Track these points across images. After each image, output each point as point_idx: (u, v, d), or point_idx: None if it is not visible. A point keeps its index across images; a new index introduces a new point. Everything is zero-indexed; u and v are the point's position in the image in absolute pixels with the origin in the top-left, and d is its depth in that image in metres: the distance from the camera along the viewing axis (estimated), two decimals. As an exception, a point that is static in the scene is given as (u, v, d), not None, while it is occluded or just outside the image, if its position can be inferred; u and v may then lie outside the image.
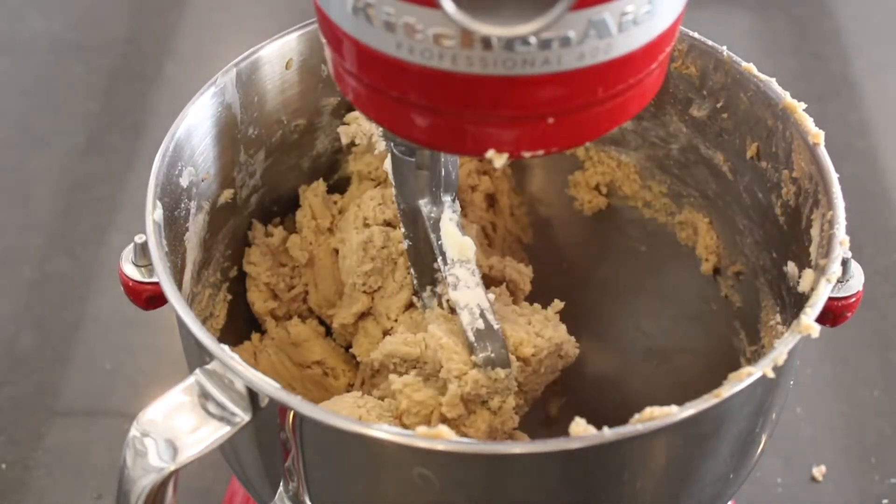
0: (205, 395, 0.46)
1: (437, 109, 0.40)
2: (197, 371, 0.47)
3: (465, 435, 0.55)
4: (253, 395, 0.46)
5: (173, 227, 0.56)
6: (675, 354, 0.72)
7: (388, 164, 0.56)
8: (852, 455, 0.80)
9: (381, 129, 0.50)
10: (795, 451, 0.80)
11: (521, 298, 0.65)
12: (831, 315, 0.52)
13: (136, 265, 0.54)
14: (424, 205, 0.56)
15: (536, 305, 0.59)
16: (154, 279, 0.51)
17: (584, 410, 0.71)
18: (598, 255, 0.72)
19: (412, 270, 0.60)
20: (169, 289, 0.49)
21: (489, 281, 0.65)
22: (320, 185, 0.65)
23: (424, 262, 0.59)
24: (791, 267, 0.57)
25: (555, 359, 0.58)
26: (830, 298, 0.50)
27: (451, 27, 0.37)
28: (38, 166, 1.02)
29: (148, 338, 0.87)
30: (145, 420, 0.46)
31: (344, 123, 0.65)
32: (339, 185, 0.69)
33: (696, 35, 0.61)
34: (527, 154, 0.41)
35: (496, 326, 0.55)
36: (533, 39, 0.36)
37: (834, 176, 0.54)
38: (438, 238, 0.57)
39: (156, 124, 1.06)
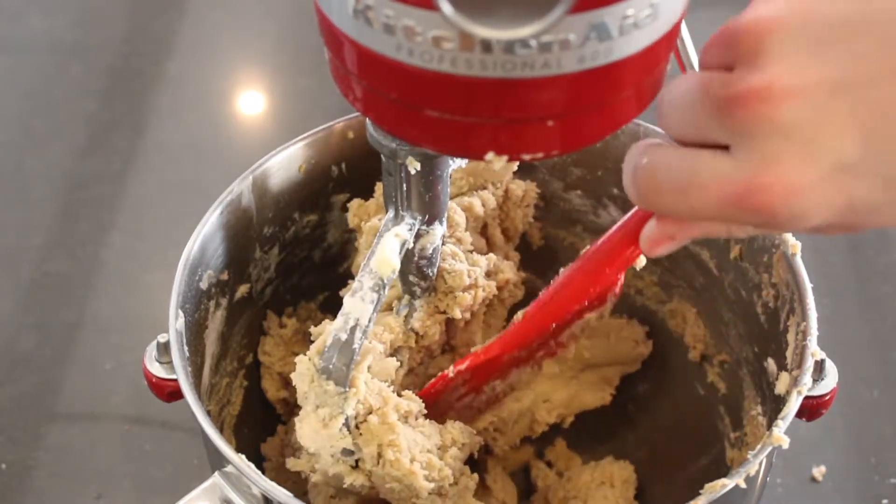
0: (226, 501, 0.51)
1: (436, 111, 0.40)
2: (216, 474, 0.52)
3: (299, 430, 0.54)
4: (268, 501, 0.50)
5: (194, 329, 0.59)
6: (662, 433, 0.75)
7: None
8: (852, 455, 0.80)
9: (368, 133, 0.50)
10: (795, 451, 0.80)
11: (508, 304, 0.66)
12: (807, 411, 0.55)
13: (160, 362, 0.57)
14: (389, 211, 0.55)
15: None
16: (175, 376, 0.55)
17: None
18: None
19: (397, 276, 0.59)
20: (192, 400, 0.53)
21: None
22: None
23: (404, 270, 0.58)
24: (770, 364, 0.61)
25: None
26: (806, 397, 0.54)
27: (450, 30, 0.37)
28: (38, 166, 1.02)
29: (148, 337, 0.87)
30: None
31: (360, 123, 0.65)
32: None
33: None
34: (526, 157, 0.41)
35: (356, 345, 0.52)
36: (533, 42, 0.36)
37: (808, 287, 0.57)
38: (377, 243, 0.54)
39: (156, 124, 1.06)
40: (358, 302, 0.53)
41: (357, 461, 0.55)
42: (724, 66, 0.39)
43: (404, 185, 0.53)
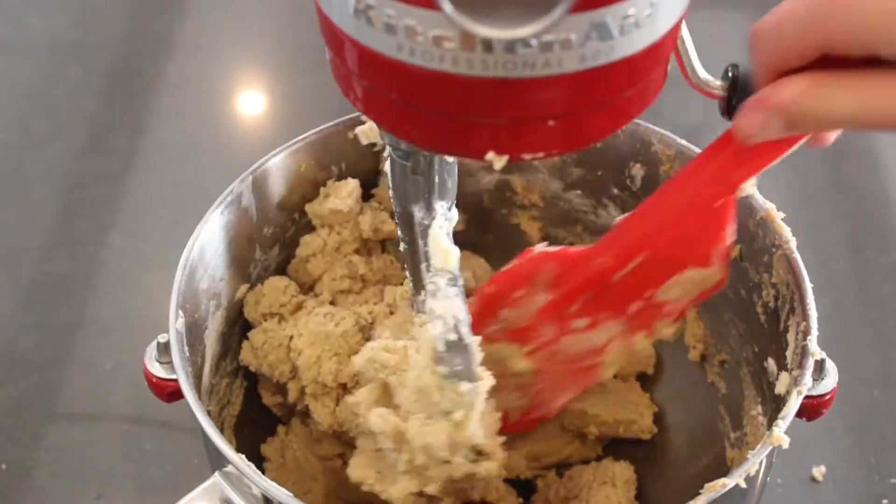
0: (226, 501, 0.51)
1: (437, 111, 0.40)
2: (216, 474, 0.52)
3: (425, 442, 0.55)
4: (268, 501, 0.50)
5: (194, 330, 0.59)
6: (661, 434, 0.74)
7: (387, 167, 0.56)
8: (852, 455, 0.80)
9: (381, 130, 0.50)
10: (795, 451, 0.79)
11: None
12: (807, 411, 0.55)
13: (160, 362, 0.57)
14: (418, 210, 0.55)
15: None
16: (175, 376, 0.55)
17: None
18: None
19: (407, 274, 0.60)
20: (192, 400, 0.53)
21: None
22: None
23: (419, 266, 0.58)
24: (770, 363, 0.61)
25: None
26: (806, 397, 0.54)
27: (451, 29, 0.37)
28: (38, 166, 1.02)
29: (148, 337, 0.87)
30: None
31: (361, 123, 0.65)
32: None
33: (682, 142, 0.65)
34: (527, 156, 0.41)
35: (467, 340, 0.54)
36: (534, 42, 0.36)
37: (808, 287, 0.57)
38: (426, 244, 0.56)
39: (156, 124, 1.06)
40: (443, 302, 0.54)
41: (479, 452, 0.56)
42: None
43: (437, 178, 0.54)
